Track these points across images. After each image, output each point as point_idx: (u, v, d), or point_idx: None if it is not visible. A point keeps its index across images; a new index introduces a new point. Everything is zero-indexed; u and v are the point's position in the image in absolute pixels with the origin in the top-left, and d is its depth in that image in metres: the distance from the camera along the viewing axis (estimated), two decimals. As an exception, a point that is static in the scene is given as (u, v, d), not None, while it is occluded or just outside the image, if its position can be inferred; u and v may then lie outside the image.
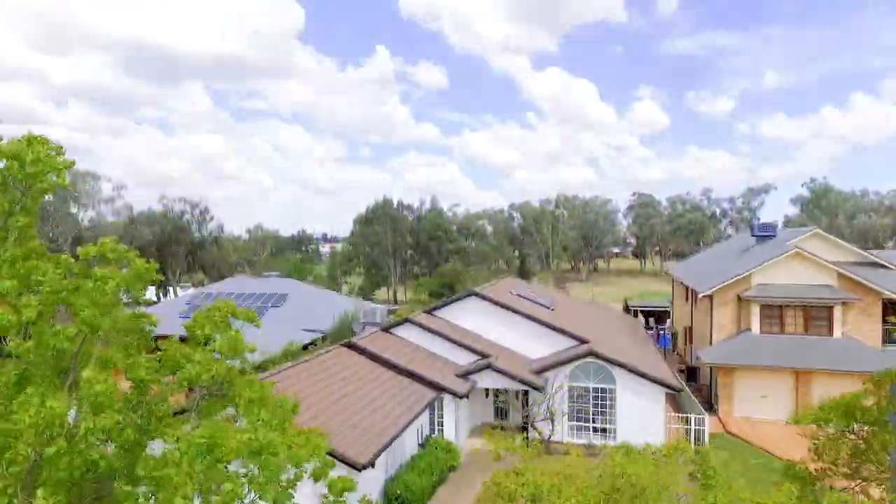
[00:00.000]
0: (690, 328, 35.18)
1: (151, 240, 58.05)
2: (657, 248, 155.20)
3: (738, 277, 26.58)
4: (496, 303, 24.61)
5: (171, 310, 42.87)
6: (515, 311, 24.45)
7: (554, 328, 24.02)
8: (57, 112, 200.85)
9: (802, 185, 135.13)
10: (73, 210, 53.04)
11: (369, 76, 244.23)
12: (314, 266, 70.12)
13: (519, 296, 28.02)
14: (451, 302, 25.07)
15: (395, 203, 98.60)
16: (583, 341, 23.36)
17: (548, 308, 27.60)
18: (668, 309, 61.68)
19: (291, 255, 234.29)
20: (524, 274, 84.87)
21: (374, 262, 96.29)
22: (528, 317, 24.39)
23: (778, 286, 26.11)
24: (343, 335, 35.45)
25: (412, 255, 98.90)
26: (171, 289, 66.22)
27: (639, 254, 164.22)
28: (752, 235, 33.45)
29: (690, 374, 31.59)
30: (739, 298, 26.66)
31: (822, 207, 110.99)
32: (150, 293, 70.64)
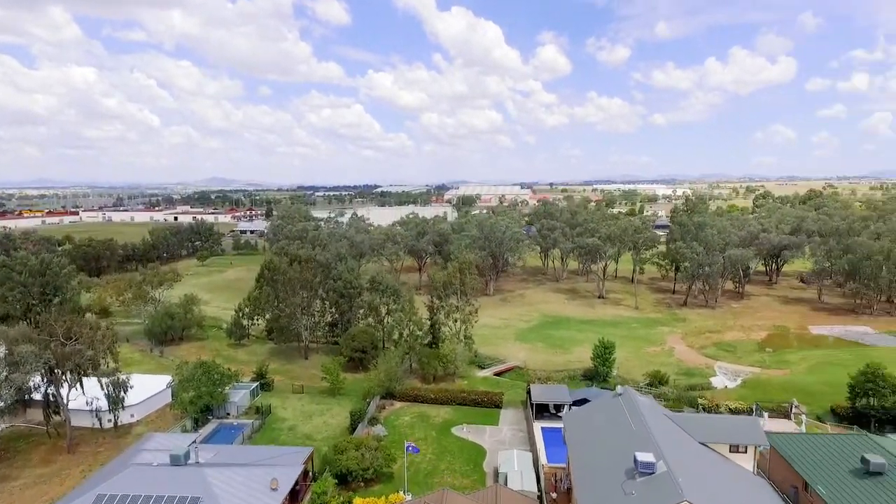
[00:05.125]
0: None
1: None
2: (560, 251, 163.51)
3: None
4: None
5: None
6: None
7: None
8: None
9: (686, 200, 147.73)
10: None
11: (264, 8, 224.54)
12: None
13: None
14: None
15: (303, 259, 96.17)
16: None
17: None
18: (566, 402, 67.30)
19: (195, 246, 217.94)
20: (435, 338, 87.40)
21: (285, 317, 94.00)
22: None
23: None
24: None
25: (323, 305, 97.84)
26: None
27: (542, 255, 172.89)
28: (635, 467, 37.65)
29: None
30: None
31: (700, 238, 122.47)
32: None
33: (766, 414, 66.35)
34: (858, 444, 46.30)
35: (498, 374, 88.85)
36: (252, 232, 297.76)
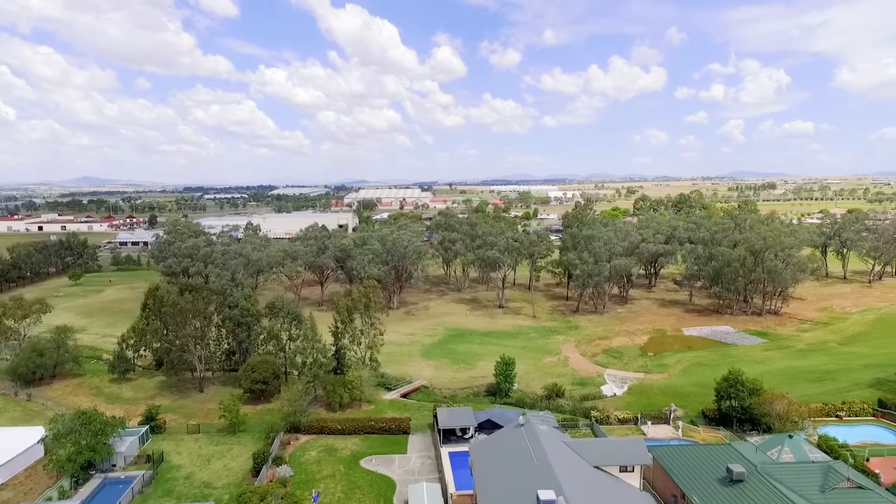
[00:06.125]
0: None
1: None
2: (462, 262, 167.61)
3: None
4: None
5: None
6: None
7: None
8: None
9: (576, 205, 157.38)
10: None
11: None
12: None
13: None
14: None
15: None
16: None
17: None
18: (470, 425, 69.63)
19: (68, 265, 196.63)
20: (340, 364, 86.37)
21: (176, 349, 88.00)
22: None
23: None
24: None
25: (219, 333, 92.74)
26: None
27: (445, 265, 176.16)
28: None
29: None
30: None
31: (590, 249, 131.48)
32: None
33: (650, 422, 73.01)
34: (723, 454, 52.74)
35: (405, 395, 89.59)
36: (134, 244, 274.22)
